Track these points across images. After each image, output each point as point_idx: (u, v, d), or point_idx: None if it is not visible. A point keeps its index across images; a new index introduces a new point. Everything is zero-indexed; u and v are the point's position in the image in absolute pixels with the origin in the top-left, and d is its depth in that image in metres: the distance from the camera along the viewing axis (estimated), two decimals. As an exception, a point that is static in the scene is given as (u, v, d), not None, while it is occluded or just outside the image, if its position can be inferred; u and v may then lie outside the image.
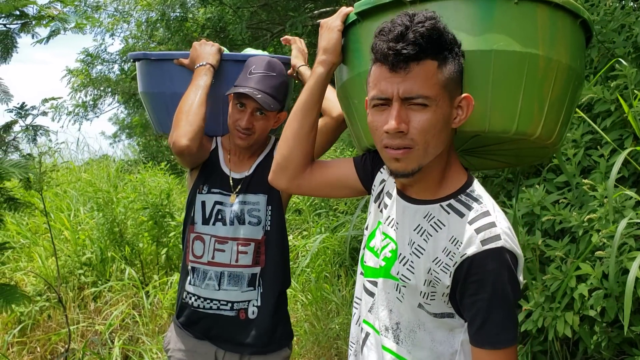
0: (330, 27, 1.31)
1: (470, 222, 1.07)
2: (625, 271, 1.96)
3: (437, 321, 1.13)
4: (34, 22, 2.25)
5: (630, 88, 2.27)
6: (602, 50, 2.56)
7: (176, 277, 4.71)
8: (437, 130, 1.06)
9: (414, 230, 1.15)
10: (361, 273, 1.31)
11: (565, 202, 2.30)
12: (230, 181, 1.92)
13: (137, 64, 2.05)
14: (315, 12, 7.40)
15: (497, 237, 1.04)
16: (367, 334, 1.26)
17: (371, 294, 1.25)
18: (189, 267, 1.93)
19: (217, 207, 1.91)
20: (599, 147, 2.31)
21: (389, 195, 1.25)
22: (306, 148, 1.37)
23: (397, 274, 1.17)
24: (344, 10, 1.30)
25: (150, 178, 5.59)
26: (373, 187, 1.33)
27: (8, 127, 1.98)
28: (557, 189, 2.47)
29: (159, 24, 7.15)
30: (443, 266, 1.09)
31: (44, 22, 2.30)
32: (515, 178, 2.81)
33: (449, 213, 1.11)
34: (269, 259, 1.90)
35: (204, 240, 1.91)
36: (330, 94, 1.68)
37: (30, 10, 2.22)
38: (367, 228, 1.33)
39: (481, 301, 1.04)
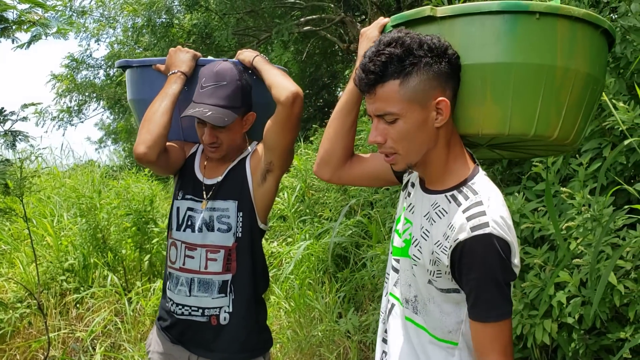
0: (368, 36, 1.45)
1: (464, 211, 1.21)
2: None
3: (444, 295, 1.29)
4: (14, 27, 2.23)
5: (609, 97, 2.30)
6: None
7: (159, 283, 4.68)
8: (412, 136, 1.24)
9: (424, 216, 1.32)
10: (390, 252, 1.49)
11: (544, 210, 2.32)
12: (203, 187, 1.92)
13: (126, 72, 2.04)
14: (302, 19, 7.43)
15: (485, 225, 1.17)
16: (393, 305, 1.45)
17: (396, 271, 1.44)
18: (167, 272, 1.95)
19: (189, 213, 1.91)
20: (578, 155, 2.34)
21: (413, 185, 1.42)
22: (347, 144, 1.54)
23: (412, 254, 1.34)
24: (381, 21, 1.45)
25: (134, 184, 5.55)
26: (403, 178, 1.50)
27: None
28: (536, 196, 2.49)
29: (144, 30, 7.13)
30: (442, 248, 1.24)
31: (25, 27, 2.28)
32: (497, 185, 2.83)
33: (450, 202, 1.26)
34: (241, 265, 1.88)
35: (177, 246, 1.91)
36: (280, 79, 1.76)
37: (10, 15, 2.20)
38: (396, 213, 1.52)
39: (472, 281, 1.19)
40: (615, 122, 2.16)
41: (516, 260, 1.21)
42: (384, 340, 1.46)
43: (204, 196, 1.91)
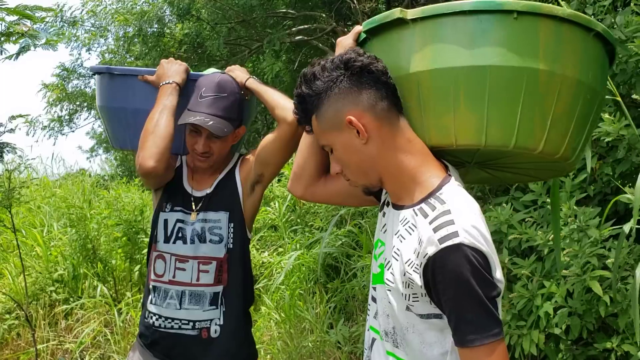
0: (343, 45, 1.37)
1: (431, 222, 1.10)
2: (589, 290, 2.00)
3: (425, 322, 1.16)
4: (2, 39, 2.23)
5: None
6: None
7: (150, 294, 4.65)
8: (347, 160, 1.23)
9: (395, 234, 1.21)
10: (370, 281, 1.37)
11: (532, 221, 2.34)
12: (192, 199, 1.91)
13: (97, 77, 2.01)
14: (293, 29, 7.45)
15: (454, 234, 1.05)
16: (373, 340, 1.32)
17: (374, 300, 1.31)
18: (151, 286, 1.91)
19: (178, 224, 1.90)
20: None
21: (388, 204, 1.32)
22: (320, 159, 1.46)
23: (385, 279, 1.22)
24: (356, 28, 1.37)
25: (125, 194, 5.53)
26: (381, 197, 1.40)
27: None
28: (524, 207, 2.51)
29: (136, 39, 7.13)
30: (414, 267, 1.12)
31: (13, 39, 2.28)
32: (485, 196, 2.85)
33: (417, 216, 1.15)
34: (232, 277, 1.88)
35: (165, 258, 1.89)
36: (282, 100, 1.77)
37: (-1, 27, 2.21)
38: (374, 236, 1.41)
39: (450, 300, 1.06)
40: (601, 133, 2.18)
41: (498, 274, 1.08)
42: None
43: (193, 208, 1.90)
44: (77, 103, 7.68)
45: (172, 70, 1.86)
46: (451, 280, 1.05)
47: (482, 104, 1.13)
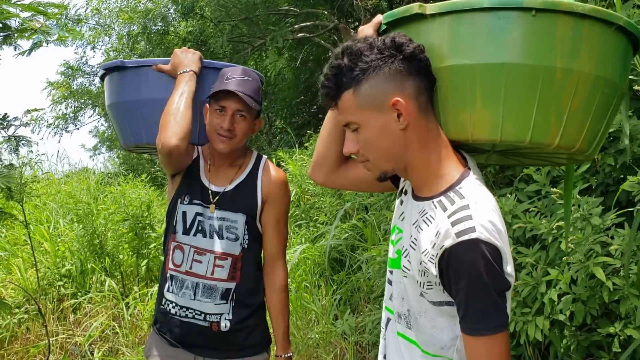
0: (364, 34, 1.37)
1: (449, 216, 1.13)
2: (593, 276, 2.05)
3: (437, 309, 1.21)
4: (16, 35, 2.28)
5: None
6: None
7: (156, 288, 4.69)
8: (376, 142, 1.20)
9: (413, 224, 1.25)
10: (388, 263, 1.43)
11: (536, 211, 2.38)
12: (210, 193, 1.95)
13: (106, 78, 2.03)
14: (296, 26, 7.50)
15: (471, 230, 1.08)
16: (388, 319, 1.38)
17: (390, 283, 1.37)
18: (168, 275, 1.96)
19: (198, 218, 1.94)
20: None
21: (406, 193, 1.35)
22: (341, 147, 1.43)
23: (402, 265, 1.27)
24: (377, 19, 1.36)
25: (131, 190, 5.58)
26: (400, 184, 1.43)
27: (-10, 138, 2.00)
28: (528, 198, 2.56)
29: (140, 37, 7.18)
30: (430, 257, 1.16)
31: (27, 35, 2.33)
32: (489, 188, 2.89)
33: (436, 208, 1.18)
34: (244, 275, 1.93)
35: (184, 249, 1.93)
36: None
37: (13, 23, 2.25)
38: (392, 222, 1.45)
39: (461, 290, 1.10)
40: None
41: (509, 269, 1.12)
42: (385, 358, 1.41)
43: (211, 201, 1.94)
44: (82, 101, 7.75)
45: (188, 59, 1.88)
46: (465, 272, 1.09)
47: (498, 101, 1.14)
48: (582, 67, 1.13)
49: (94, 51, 8.01)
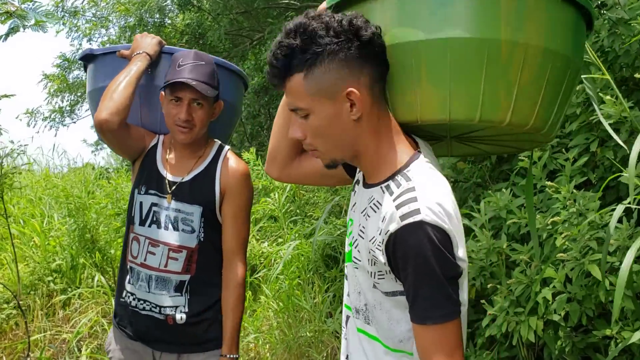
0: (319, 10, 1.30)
1: (394, 199, 1.09)
2: (588, 274, 1.94)
3: (391, 300, 1.16)
4: (-11, 18, 2.18)
5: (596, 92, 2.26)
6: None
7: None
8: (326, 131, 1.13)
9: (362, 212, 1.21)
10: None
11: (531, 206, 2.28)
12: (167, 183, 1.89)
13: (88, 67, 2.06)
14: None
15: (416, 212, 1.03)
16: (348, 317, 1.32)
17: (346, 278, 1.32)
18: (128, 267, 1.91)
19: (154, 208, 1.88)
20: (565, 150, 2.30)
21: (358, 182, 1.30)
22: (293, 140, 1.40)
23: (353, 256, 1.23)
24: (322, 5, 1.30)
25: (125, 184, 5.50)
26: (356, 175, 1.38)
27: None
28: (524, 192, 2.45)
29: (137, 30, 7.09)
30: (377, 244, 1.11)
31: (2, 19, 2.23)
32: (485, 183, 2.80)
33: (384, 193, 1.13)
34: (200, 268, 1.88)
35: (140, 241, 1.88)
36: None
37: (-17, 5, 2.16)
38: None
39: (409, 276, 1.05)
40: (602, 115, 2.11)
41: (460, 253, 1.07)
42: (347, 358, 1.32)
43: (168, 191, 1.88)
44: (79, 94, 7.65)
45: (145, 42, 1.88)
46: (410, 256, 1.03)
47: (444, 78, 1.10)
48: (529, 40, 1.09)
49: (90, 43, 7.94)
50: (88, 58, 2.03)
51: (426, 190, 1.07)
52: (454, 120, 1.12)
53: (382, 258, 1.10)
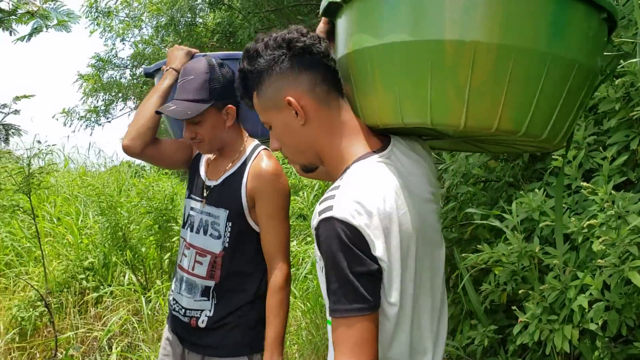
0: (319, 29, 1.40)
1: (322, 197, 1.15)
2: (628, 282, 1.82)
3: None
4: (10, 18, 2.18)
5: (638, 85, 2.13)
6: (609, 46, 2.41)
7: (177, 282, 4.64)
8: (285, 139, 1.24)
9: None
10: None
11: (565, 207, 2.16)
12: (204, 187, 1.90)
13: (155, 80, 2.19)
14: (326, 16, 7.34)
15: (329, 208, 1.08)
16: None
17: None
18: (176, 266, 2.02)
19: (191, 212, 1.92)
20: (602, 148, 2.17)
21: None
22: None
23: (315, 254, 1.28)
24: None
25: (155, 183, 5.53)
26: None
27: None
28: (558, 193, 2.33)
29: (170, 30, 7.14)
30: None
31: (25, 19, 2.23)
32: (517, 182, 2.68)
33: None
34: (224, 276, 1.84)
35: (181, 243, 1.95)
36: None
37: (5, 5, 2.15)
38: None
39: (324, 269, 1.10)
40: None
41: (378, 252, 1.06)
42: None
43: (204, 194, 1.89)
44: (113, 93, 7.75)
45: (173, 56, 1.94)
46: (323, 251, 1.08)
47: (394, 82, 1.10)
48: (477, 37, 1.02)
49: (124, 43, 8.03)
50: (149, 75, 2.17)
51: (348, 188, 1.10)
52: (408, 124, 1.11)
53: (317, 253, 1.14)
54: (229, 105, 1.83)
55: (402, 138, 1.26)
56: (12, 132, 1.93)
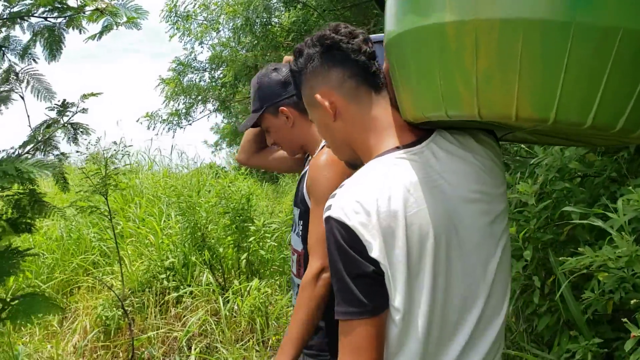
0: None
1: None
2: None
3: None
4: (78, 15, 2.15)
5: None
6: None
7: (255, 282, 4.59)
8: (324, 134, 1.29)
9: None
10: None
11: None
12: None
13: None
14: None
15: (328, 208, 1.08)
16: None
17: None
18: None
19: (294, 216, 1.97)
20: None
21: None
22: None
23: None
24: None
25: (232, 183, 5.54)
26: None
27: (48, 126, 1.88)
28: (674, 188, 2.03)
29: (246, 30, 7.18)
30: None
31: (96, 17, 2.20)
32: (620, 177, 2.38)
33: None
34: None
35: None
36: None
37: (73, 2, 2.12)
38: None
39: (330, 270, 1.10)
40: None
41: (374, 253, 1.02)
42: None
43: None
44: (193, 96, 7.89)
45: None
46: (328, 251, 1.08)
47: (409, 76, 1.06)
48: (478, 14, 0.90)
49: (202, 47, 8.17)
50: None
51: (350, 187, 1.09)
52: (428, 118, 1.05)
53: None
54: (281, 108, 1.83)
55: (452, 132, 1.17)
56: (81, 131, 1.90)
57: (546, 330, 2.33)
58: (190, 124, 8.14)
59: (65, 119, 1.93)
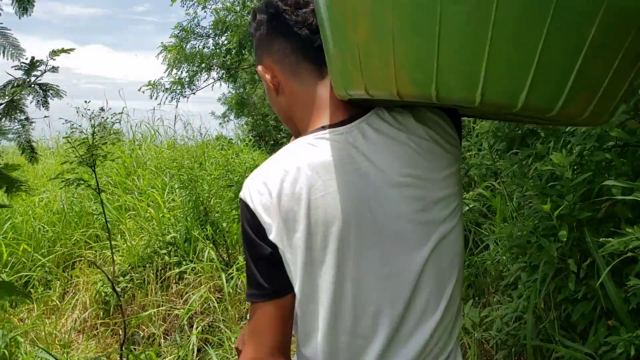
0: None
1: None
2: None
3: None
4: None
5: None
6: None
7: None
8: (273, 106, 1.20)
9: None
10: None
11: None
12: None
13: None
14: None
15: (242, 188, 1.05)
16: None
17: None
18: None
19: None
20: None
21: None
22: None
23: None
24: None
25: (236, 155, 5.29)
26: None
27: (13, 86, 1.63)
28: None
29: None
30: None
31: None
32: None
33: None
34: None
35: None
36: None
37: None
38: None
39: None
40: None
41: (271, 235, 0.99)
42: None
43: None
44: (196, 64, 7.58)
45: None
46: None
47: (327, 48, 1.01)
48: None
49: (205, 12, 7.84)
50: None
51: (262, 168, 1.05)
52: (354, 96, 0.95)
53: None
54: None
55: (392, 110, 1.06)
56: (51, 94, 1.66)
57: (581, 319, 2.08)
58: (194, 93, 7.83)
59: (33, 79, 1.67)
